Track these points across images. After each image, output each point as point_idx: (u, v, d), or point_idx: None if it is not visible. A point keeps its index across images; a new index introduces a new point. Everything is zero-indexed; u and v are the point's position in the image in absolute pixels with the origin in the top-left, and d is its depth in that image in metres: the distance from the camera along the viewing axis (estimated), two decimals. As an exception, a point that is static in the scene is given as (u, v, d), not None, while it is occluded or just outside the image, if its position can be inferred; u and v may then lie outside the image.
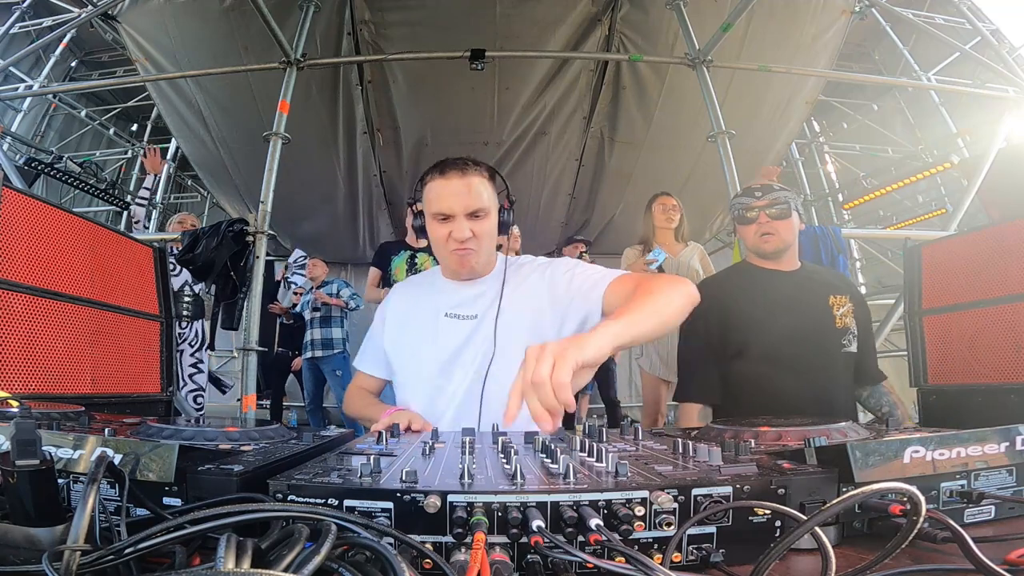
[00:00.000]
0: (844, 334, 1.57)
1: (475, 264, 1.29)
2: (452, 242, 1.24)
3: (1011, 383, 1.54)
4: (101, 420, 0.90)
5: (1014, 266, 1.58)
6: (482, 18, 4.27)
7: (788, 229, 1.59)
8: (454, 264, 1.29)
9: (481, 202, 1.23)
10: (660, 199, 3.18)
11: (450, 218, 1.23)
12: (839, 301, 1.59)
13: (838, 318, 1.57)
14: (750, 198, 1.61)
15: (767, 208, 1.57)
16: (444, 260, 1.33)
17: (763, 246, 1.59)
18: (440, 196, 1.23)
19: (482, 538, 0.44)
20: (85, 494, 0.40)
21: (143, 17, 4.42)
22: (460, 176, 1.23)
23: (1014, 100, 4.24)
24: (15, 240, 1.42)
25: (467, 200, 1.22)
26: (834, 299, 1.59)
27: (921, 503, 0.41)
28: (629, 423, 0.96)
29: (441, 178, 1.24)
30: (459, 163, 1.25)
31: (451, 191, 1.22)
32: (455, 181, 1.23)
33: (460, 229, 1.22)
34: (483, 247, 1.28)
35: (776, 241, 1.58)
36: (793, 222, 1.60)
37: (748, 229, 1.61)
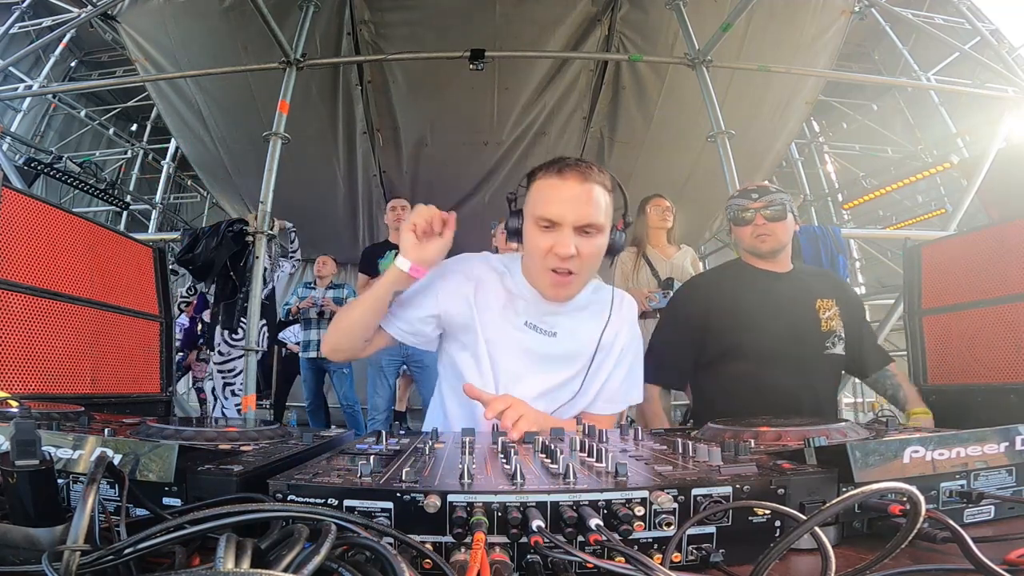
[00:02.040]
0: (829, 337, 1.60)
1: (571, 294, 1.15)
2: (552, 257, 1.06)
3: (1011, 383, 1.54)
4: (101, 420, 0.90)
5: (1014, 266, 1.58)
6: (482, 18, 4.27)
7: (784, 230, 1.61)
8: (546, 287, 1.12)
9: (597, 216, 1.06)
10: (654, 200, 3.18)
11: (556, 227, 1.06)
12: (825, 304, 1.62)
13: (824, 321, 1.60)
14: (746, 199, 1.63)
15: (763, 209, 1.59)
16: (536, 275, 1.14)
17: (759, 246, 1.61)
18: (551, 199, 1.06)
19: (482, 538, 0.44)
20: (85, 494, 0.40)
21: (143, 17, 4.42)
22: (580, 180, 1.06)
23: (1013, 100, 4.24)
24: (15, 240, 1.42)
25: (583, 210, 1.04)
26: (821, 303, 1.62)
27: (921, 503, 0.41)
28: (629, 423, 0.96)
29: (558, 178, 1.07)
30: (581, 165, 1.08)
31: (566, 195, 1.05)
32: (573, 185, 1.05)
33: (565, 243, 1.04)
34: (586, 270, 1.11)
35: (772, 242, 1.60)
36: (788, 223, 1.62)
37: (744, 230, 1.63)
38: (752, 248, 1.63)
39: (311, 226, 6.02)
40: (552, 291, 1.13)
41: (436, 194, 5.30)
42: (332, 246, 5.98)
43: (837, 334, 1.61)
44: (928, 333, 1.82)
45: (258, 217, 3.36)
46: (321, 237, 6.13)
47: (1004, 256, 1.61)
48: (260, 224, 3.33)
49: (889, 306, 3.82)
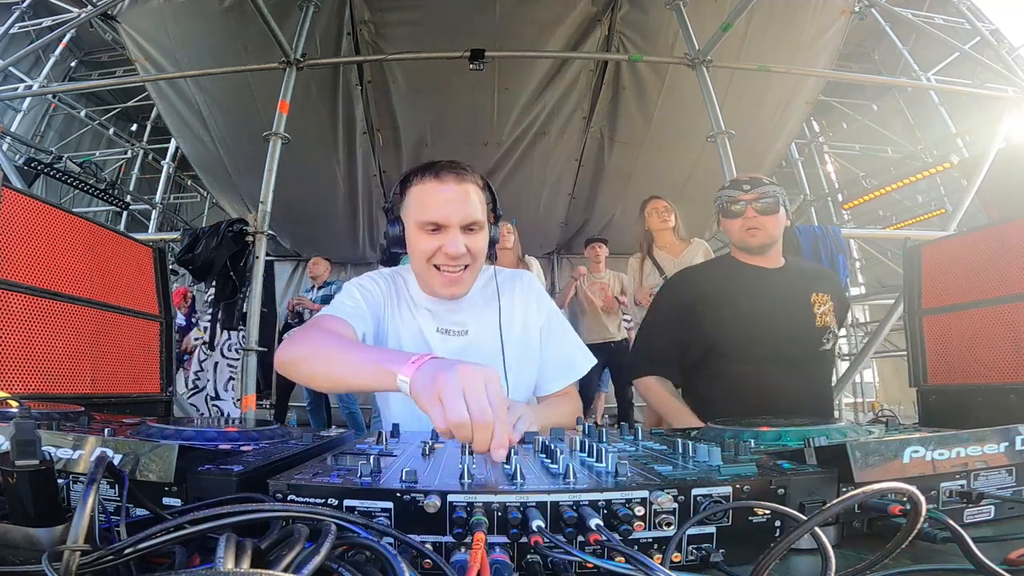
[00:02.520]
0: (824, 332, 1.54)
1: (465, 290, 1.16)
2: (441, 257, 1.09)
3: (1011, 383, 1.54)
4: (101, 420, 0.90)
5: (1014, 266, 1.58)
6: (482, 18, 4.27)
7: (775, 224, 1.54)
8: (438, 286, 1.13)
9: (478, 214, 1.09)
10: (652, 203, 3.18)
11: (442, 229, 1.08)
12: (820, 299, 1.55)
13: (818, 316, 1.54)
14: (737, 191, 1.55)
15: (754, 202, 1.52)
16: (426, 278, 1.15)
17: (749, 240, 1.54)
18: (432, 203, 1.07)
19: (482, 538, 0.44)
20: (85, 494, 0.40)
21: (143, 17, 4.42)
22: (457, 182, 1.08)
23: (1013, 100, 4.25)
24: (15, 240, 1.42)
25: (465, 209, 1.07)
26: (816, 297, 1.55)
27: (921, 503, 0.41)
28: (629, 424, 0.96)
29: (435, 181, 1.08)
30: (455, 167, 1.10)
31: (447, 198, 1.07)
32: (451, 187, 1.07)
33: (454, 243, 1.06)
34: (477, 265, 1.14)
35: (762, 236, 1.53)
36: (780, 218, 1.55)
37: (733, 223, 1.55)
38: (741, 242, 1.57)
39: (311, 226, 6.04)
40: (446, 289, 1.13)
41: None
42: (332, 246, 5.98)
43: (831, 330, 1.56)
44: (928, 333, 1.82)
45: (258, 217, 3.36)
46: (321, 237, 6.14)
47: (1004, 256, 1.61)
48: (260, 224, 3.33)
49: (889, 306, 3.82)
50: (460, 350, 1.19)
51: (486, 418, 0.61)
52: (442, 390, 0.63)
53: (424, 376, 0.69)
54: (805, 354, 1.53)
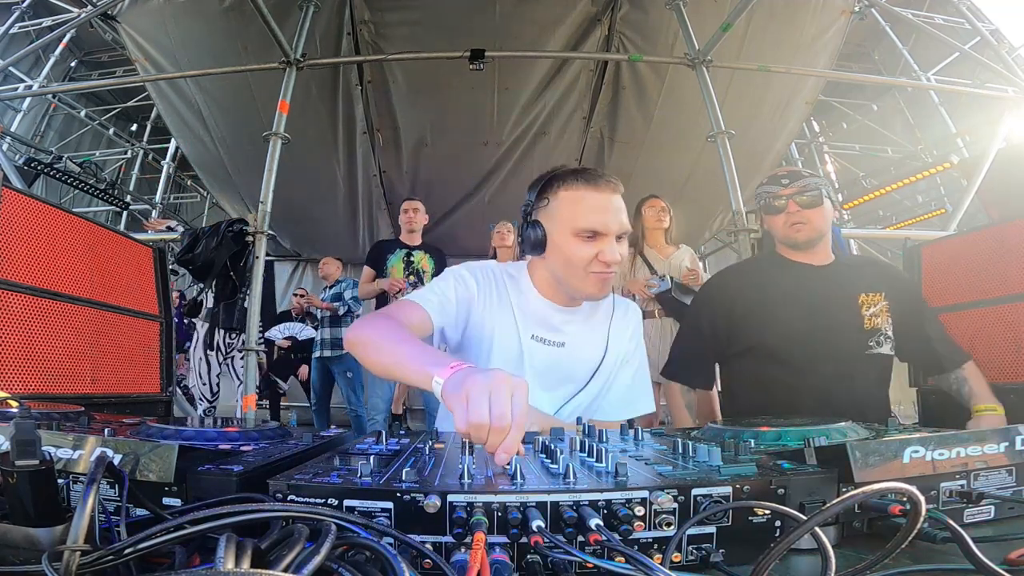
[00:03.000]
0: (873, 335, 1.46)
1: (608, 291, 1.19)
2: (597, 264, 1.09)
3: (1011, 383, 1.54)
4: (101, 420, 0.90)
5: (1014, 266, 1.58)
6: (482, 18, 4.27)
7: (821, 217, 1.46)
8: (592, 288, 1.13)
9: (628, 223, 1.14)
10: (650, 201, 3.20)
11: (599, 236, 1.09)
12: (870, 300, 1.47)
13: (867, 318, 1.46)
14: (776, 186, 1.50)
15: (796, 196, 1.45)
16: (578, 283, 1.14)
17: (795, 236, 1.48)
18: (592, 210, 1.09)
19: (482, 538, 0.44)
20: (85, 494, 0.40)
21: (143, 17, 4.42)
22: (613, 191, 1.11)
23: (1013, 100, 4.25)
24: (15, 240, 1.42)
25: (621, 218, 1.10)
26: (865, 297, 1.47)
27: (921, 503, 0.41)
28: (629, 423, 0.96)
29: (592, 189, 1.10)
30: (607, 176, 1.13)
31: (608, 206, 1.09)
32: (609, 196, 1.10)
33: (613, 252, 1.08)
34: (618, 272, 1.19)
35: (808, 230, 1.46)
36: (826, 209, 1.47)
37: (777, 219, 1.50)
38: (787, 238, 1.50)
39: (311, 226, 6.03)
40: (600, 289, 1.14)
41: (436, 194, 5.31)
42: (332, 246, 5.98)
43: (883, 332, 1.47)
44: (928, 333, 1.82)
45: (258, 217, 3.36)
46: (321, 237, 6.13)
47: (1004, 256, 1.61)
48: (260, 224, 3.33)
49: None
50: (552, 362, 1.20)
51: (504, 423, 0.62)
52: (470, 390, 0.65)
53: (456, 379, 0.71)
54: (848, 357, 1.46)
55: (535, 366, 1.20)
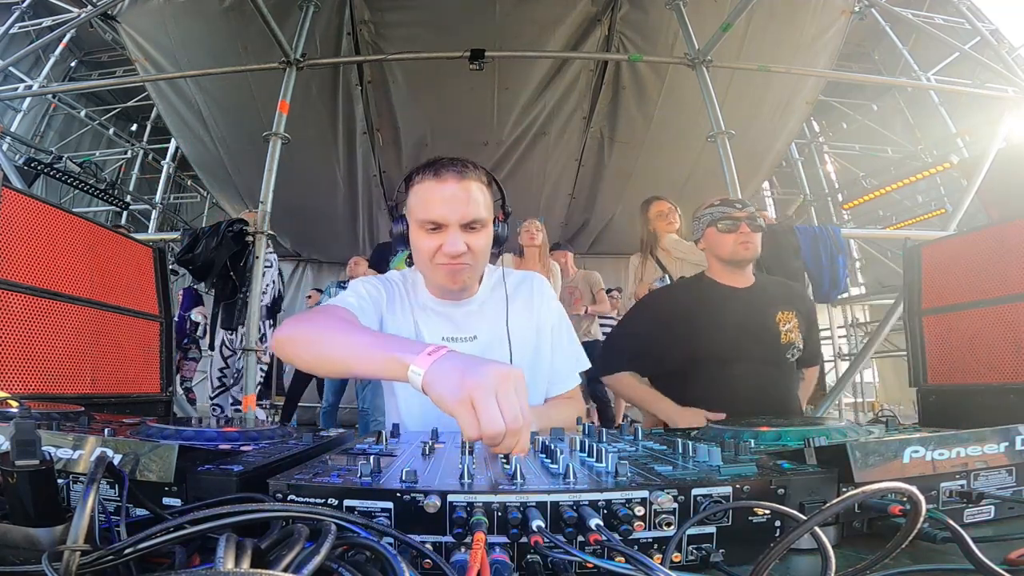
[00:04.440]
0: (788, 349, 1.70)
1: (467, 281, 1.14)
2: (441, 256, 1.08)
3: (1011, 383, 1.54)
4: (101, 420, 0.90)
5: (1014, 266, 1.58)
6: (482, 18, 4.27)
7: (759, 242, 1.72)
8: (442, 279, 1.12)
9: (479, 212, 1.07)
10: (655, 204, 3.16)
11: (442, 228, 1.07)
12: (785, 317, 1.70)
13: (783, 334, 1.69)
14: (731, 208, 1.72)
15: (748, 220, 1.69)
16: (430, 275, 1.16)
17: (743, 253, 1.68)
18: (432, 202, 1.06)
19: (482, 538, 0.44)
20: (85, 494, 0.40)
21: (143, 17, 4.42)
22: (457, 180, 1.06)
23: (1013, 100, 4.25)
24: (15, 240, 1.42)
25: (464, 208, 1.06)
26: (781, 315, 1.71)
27: (921, 503, 0.41)
28: (629, 423, 0.96)
29: (435, 180, 1.07)
30: (456, 165, 1.09)
31: (445, 197, 1.06)
32: (451, 185, 1.06)
33: (453, 242, 1.05)
34: (478, 263, 1.12)
35: (752, 250, 1.69)
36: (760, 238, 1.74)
37: (728, 237, 1.70)
38: (733, 255, 1.70)
39: (311, 226, 6.04)
40: (449, 281, 1.11)
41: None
42: (332, 246, 5.99)
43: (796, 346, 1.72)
44: (928, 333, 1.83)
45: (258, 217, 3.36)
46: (321, 237, 6.14)
47: (1004, 256, 1.61)
48: (260, 224, 3.33)
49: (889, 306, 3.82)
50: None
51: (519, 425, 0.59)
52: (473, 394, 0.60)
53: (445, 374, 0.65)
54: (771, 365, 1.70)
55: None
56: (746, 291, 1.74)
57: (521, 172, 5.37)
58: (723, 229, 1.71)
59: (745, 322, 1.68)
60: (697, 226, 1.82)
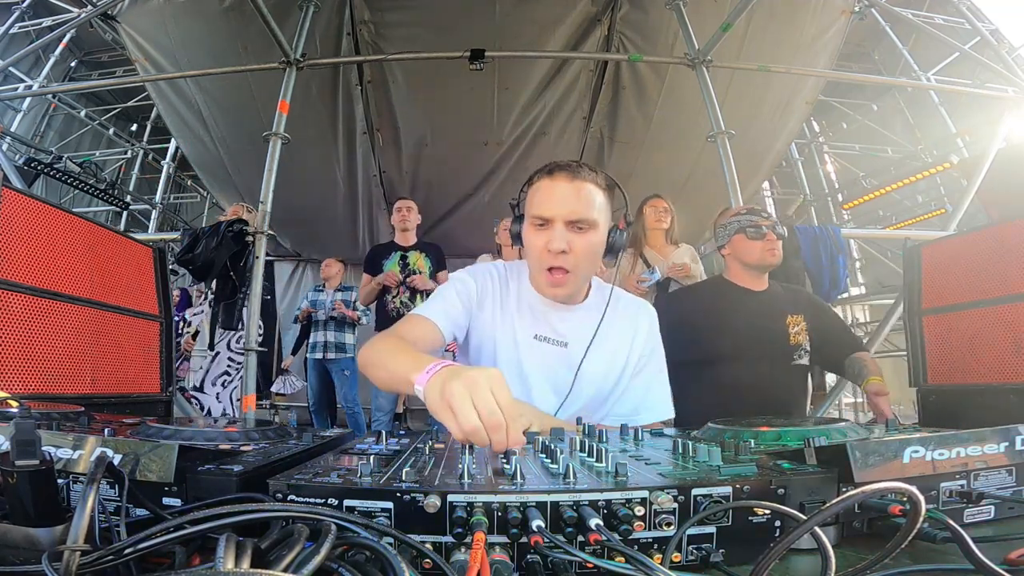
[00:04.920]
0: (796, 350, 1.80)
1: (568, 292, 1.14)
2: (546, 255, 1.08)
3: (1011, 383, 1.54)
4: (101, 420, 0.90)
5: (1014, 266, 1.58)
6: (482, 18, 4.27)
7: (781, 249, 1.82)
8: (544, 287, 1.14)
9: (588, 211, 1.07)
10: (652, 201, 3.19)
11: (549, 224, 1.08)
12: (794, 320, 1.81)
13: (792, 336, 1.80)
14: (758, 217, 1.81)
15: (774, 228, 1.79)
16: (536, 275, 1.16)
17: (770, 259, 1.78)
18: (543, 198, 1.08)
19: (482, 538, 0.44)
20: (85, 494, 0.40)
21: (143, 17, 4.42)
22: (569, 179, 1.08)
23: (1013, 100, 4.24)
24: (15, 240, 1.42)
25: (572, 206, 1.06)
26: (791, 319, 1.81)
27: (921, 503, 0.41)
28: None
29: (548, 179, 1.10)
30: (571, 165, 1.10)
31: (556, 193, 1.07)
32: (562, 183, 1.07)
33: (557, 238, 1.06)
34: (580, 268, 1.11)
35: (778, 256, 1.79)
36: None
37: (756, 244, 1.79)
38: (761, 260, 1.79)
39: (311, 226, 6.03)
40: (549, 290, 1.14)
41: (436, 194, 5.31)
42: (332, 246, 5.98)
43: (803, 347, 1.81)
44: (928, 333, 1.82)
45: (258, 217, 3.36)
46: (321, 237, 6.13)
47: (1004, 256, 1.61)
48: (260, 224, 3.33)
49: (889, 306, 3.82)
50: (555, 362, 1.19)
51: (497, 419, 0.62)
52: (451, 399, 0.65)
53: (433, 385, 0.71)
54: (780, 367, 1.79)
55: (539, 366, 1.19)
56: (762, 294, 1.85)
57: (521, 172, 5.36)
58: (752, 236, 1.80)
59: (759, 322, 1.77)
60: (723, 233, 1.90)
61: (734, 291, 1.85)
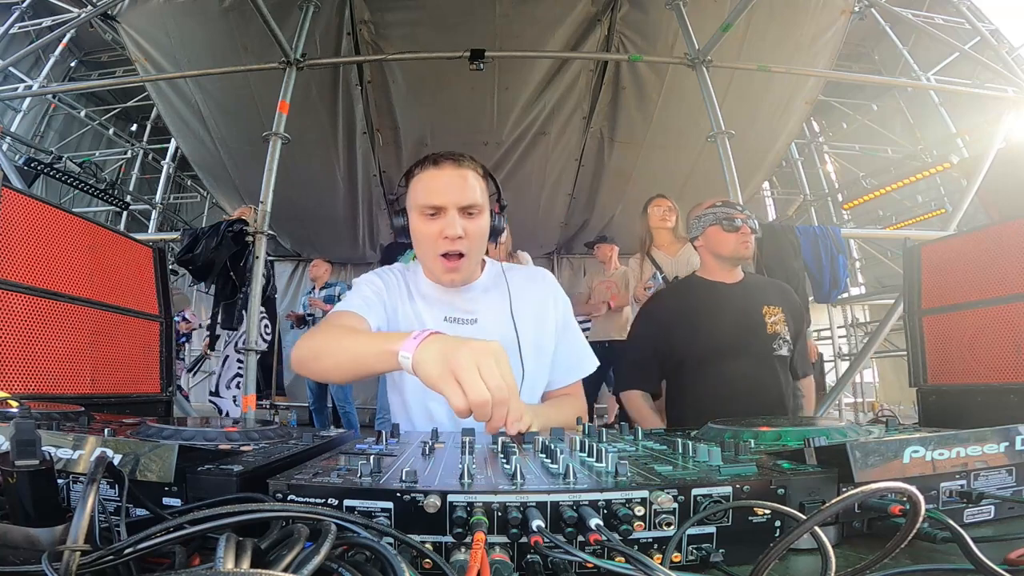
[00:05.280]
0: (774, 339, 1.81)
1: (464, 277, 1.18)
2: (442, 242, 1.11)
3: (1011, 383, 1.54)
4: (101, 420, 0.90)
5: (1014, 266, 1.58)
6: (482, 18, 4.27)
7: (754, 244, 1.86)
8: (440, 274, 1.16)
9: (476, 197, 1.12)
10: (655, 201, 3.21)
11: (440, 212, 1.11)
12: (771, 311, 1.83)
13: (769, 325, 1.81)
14: (732, 210, 1.84)
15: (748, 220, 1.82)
16: (430, 264, 1.18)
17: (744, 251, 1.82)
18: (431, 188, 1.11)
19: (482, 538, 0.44)
20: (84, 494, 0.40)
21: (143, 17, 4.42)
22: (455, 167, 1.12)
23: (1013, 100, 4.24)
24: (15, 240, 1.42)
25: (462, 193, 1.10)
26: (767, 309, 1.83)
27: (921, 503, 0.41)
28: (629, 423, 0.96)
29: (433, 168, 1.13)
30: (452, 154, 1.15)
31: (444, 182, 1.11)
32: (449, 171, 1.12)
33: (452, 225, 1.09)
34: (474, 251, 1.15)
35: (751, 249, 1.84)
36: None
37: (731, 236, 1.82)
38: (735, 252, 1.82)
39: (311, 226, 6.04)
40: (446, 276, 1.16)
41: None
42: (332, 246, 5.98)
43: (782, 336, 1.82)
44: (928, 333, 1.82)
45: (258, 217, 3.36)
46: (321, 237, 6.14)
47: (1004, 256, 1.61)
48: (260, 224, 3.33)
49: (889, 306, 3.82)
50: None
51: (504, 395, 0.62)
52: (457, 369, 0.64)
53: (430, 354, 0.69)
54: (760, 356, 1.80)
55: None
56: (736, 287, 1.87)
57: (521, 172, 5.37)
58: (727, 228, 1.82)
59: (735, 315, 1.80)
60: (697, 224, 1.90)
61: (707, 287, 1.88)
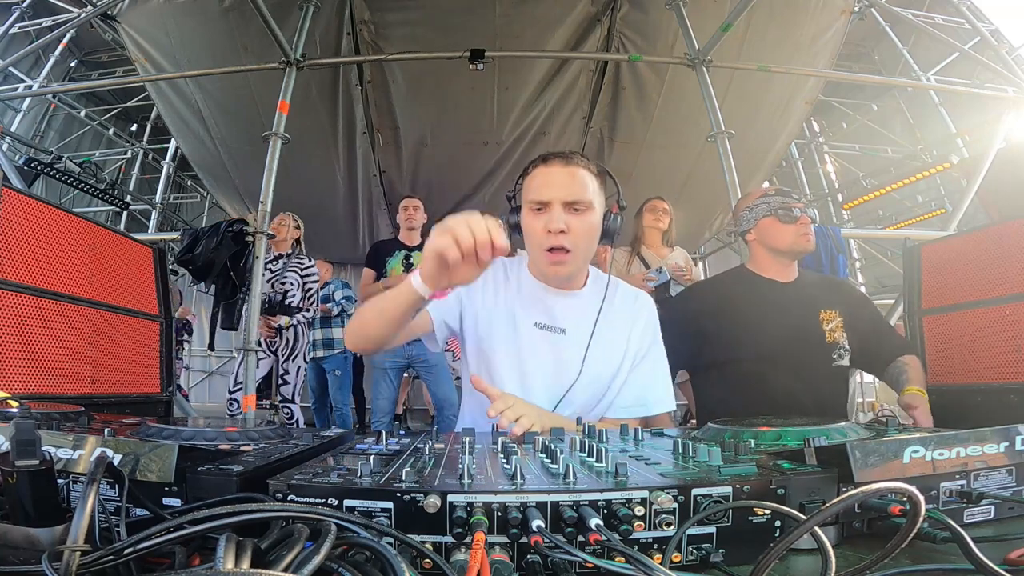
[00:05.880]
0: (834, 349, 1.58)
1: (570, 271, 1.17)
2: (546, 236, 1.12)
3: (1011, 383, 1.54)
4: (101, 420, 0.90)
5: (1014, 266, 1.58)
6: (482, 18, 4.27)
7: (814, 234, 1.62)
8: (545, 267, 1.17)
9: (583, 192, 1.12)
10: (652, 202, 3.23)
11: (546, 208, 1.12)
12: (828, 316, 1.59)
13: (827, 333, 1.58)
14: (788, 199, 1.62)
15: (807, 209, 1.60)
16: (536, 258, 1.19)
17: (804, 244, 1.60)
18: (539, 184, 1.14)
19: (482, 538, 0.44)
20: (84, 494, 0.40)
21: (143, 17, 4.42)
22: (563, 164, 1.14)
23: (1013, 100, 4.24)
24: (15, 240, 1.42)
25: (567, 188, 1.11)
26: (824, 314, 1.60)
27: (921, 503, 0.41)
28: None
29: (543, 166, 1.16)
30: (564, 152, 1.17)
31: (551, 178, 1.13)
32: (556, 168, 1.14)
33: (555, 219, 1.10)
34: (579, 248, 1.14)
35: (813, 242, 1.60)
36: None
37: (789, 227, 1.59)
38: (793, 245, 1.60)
39: (311, 226, 6.01)
40: (551, 269, 1.16)
41: (436, 194, 5.30)
42: (332, 246, 5.98)
43: (842, 346, 1.59)
44: (928, 333, 1.82)
45: (258, 217, 3.36)
46: (321, 237, 6.12)
47: (1004, 256, 1.61)
48: (260, 224, 3.33)
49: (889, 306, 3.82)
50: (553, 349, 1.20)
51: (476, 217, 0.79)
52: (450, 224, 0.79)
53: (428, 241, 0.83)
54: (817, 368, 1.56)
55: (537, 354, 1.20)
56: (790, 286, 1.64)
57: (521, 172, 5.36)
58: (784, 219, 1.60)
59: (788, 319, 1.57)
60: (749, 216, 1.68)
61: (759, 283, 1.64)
